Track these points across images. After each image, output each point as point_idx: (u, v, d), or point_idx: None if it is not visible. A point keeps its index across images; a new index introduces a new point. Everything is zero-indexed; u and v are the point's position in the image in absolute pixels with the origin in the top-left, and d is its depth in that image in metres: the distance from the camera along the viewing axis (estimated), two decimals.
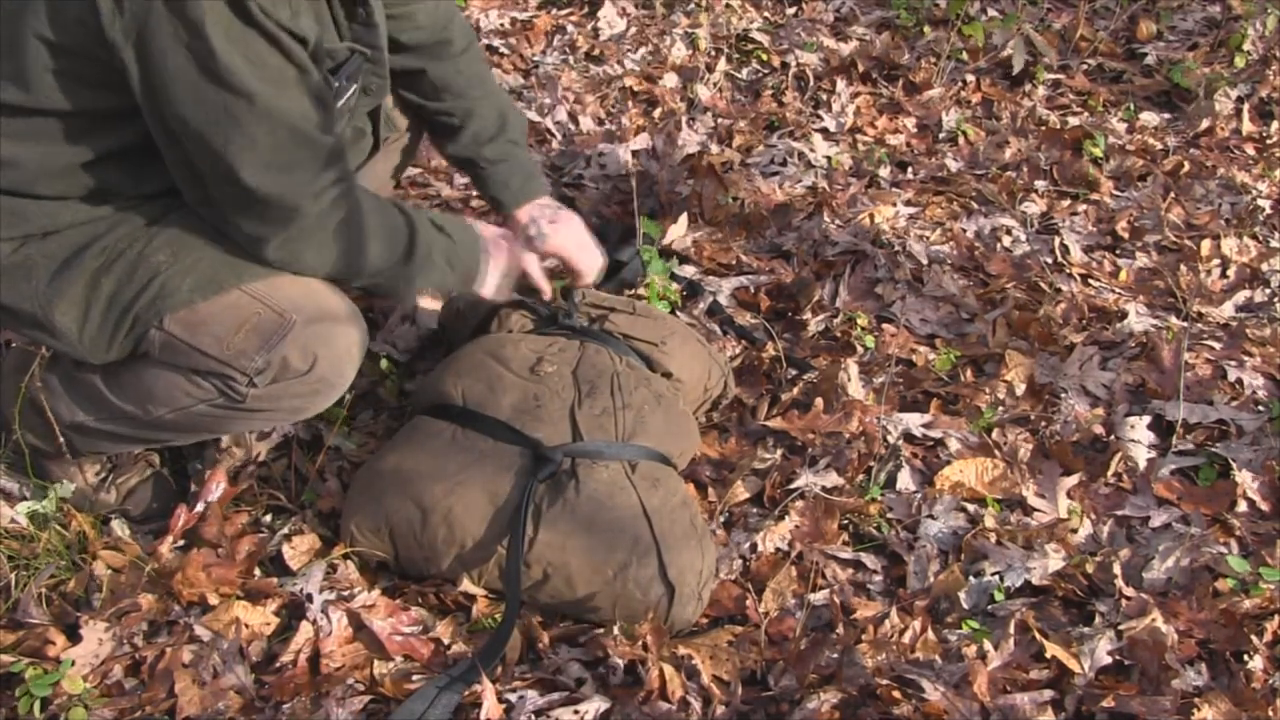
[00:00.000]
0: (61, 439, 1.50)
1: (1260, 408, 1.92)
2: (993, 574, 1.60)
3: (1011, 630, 1.49)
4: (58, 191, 1.32)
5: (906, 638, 1.49)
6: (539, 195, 1.80)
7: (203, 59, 1.17)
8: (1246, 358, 2.03)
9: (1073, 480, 1.78)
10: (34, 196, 1.31)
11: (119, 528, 1.62)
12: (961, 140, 2.87)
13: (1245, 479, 1.77)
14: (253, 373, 1.36)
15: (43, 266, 1.32)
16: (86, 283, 1.33)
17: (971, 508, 1.73)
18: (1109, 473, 1.81)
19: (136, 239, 1.34)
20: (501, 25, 3.32)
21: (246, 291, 1.35)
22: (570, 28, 3.34)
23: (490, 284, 1.62)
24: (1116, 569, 1.60)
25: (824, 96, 3.05)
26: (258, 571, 1.54)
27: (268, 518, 1.67)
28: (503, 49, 3.19)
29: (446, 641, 1.47)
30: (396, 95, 1.75)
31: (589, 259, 1.79)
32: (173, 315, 1.33)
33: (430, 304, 1.96)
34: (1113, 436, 1.87)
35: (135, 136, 1.31)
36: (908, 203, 2.55)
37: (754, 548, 1.65)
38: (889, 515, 1.73)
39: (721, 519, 1.73)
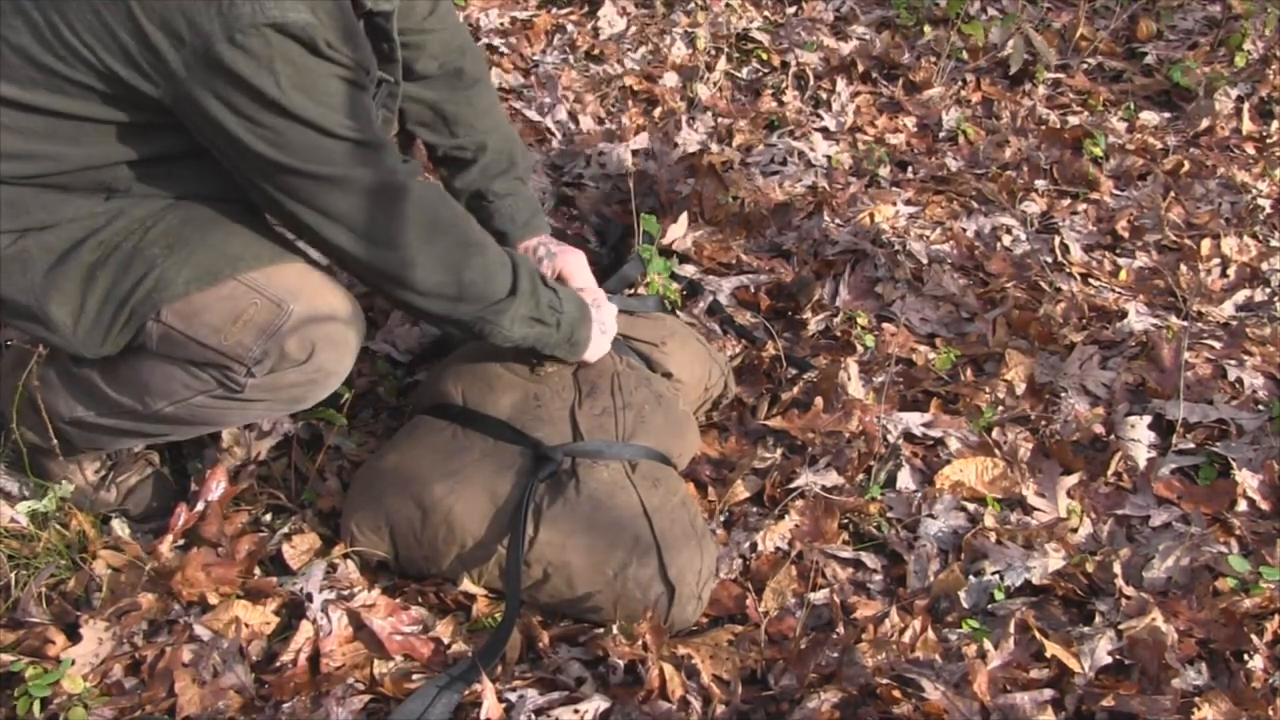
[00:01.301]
0: (57, 436, 1.50)
1: (1260, 407, 1.92)
2: (993, 573, 1.60)
3: (1011, 629, 1.49)
4: (64, 185, 1.32)
5: (906, 637, 1.49)
6: (543, 231, 1.81)
7: (265, 92, 1.18)
8: (1246, 357, 2.03)
9: (1073, 479, 1.78)
10: (41, 189, 1.31)
11: (119, 527, 1.62)
12: (961, 139, 2.87)
13: (1245, 478, 1.77)
14: (251, 363, 1.36)
15: (39, 259, 1.32)
16: (82, 276, 1.33)
17: (971, 507, 1.73)
18: (1109, 472, 1.81)
19: (132, 232, 1.34)
20: (501, 24, 3.32)
21: (243, 282, 1.35)
22: (570, 27, 3.34)
23: (594, 349, 1.65)
24: (1116, 568, 1.60)
25: (824, 96, 3.05)
26: (258, 571, 1.54)
27: (268, 517, 1.67)
28: (503, 48, 3.19)
29: (446, 641, 1.47)
30: (406, 133, 1.75)
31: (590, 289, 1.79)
32: (169, 307, 1.33)
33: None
34: (1113, 436, 1.87)
35: (162, 147, 1.31)
36: (908, 202, 2.55)
37: (754, 547, 1.65)
38: (889, 514, 1.73)
39: (721, 518, 1.73)
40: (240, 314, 1.34)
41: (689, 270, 2.27)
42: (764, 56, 3.23)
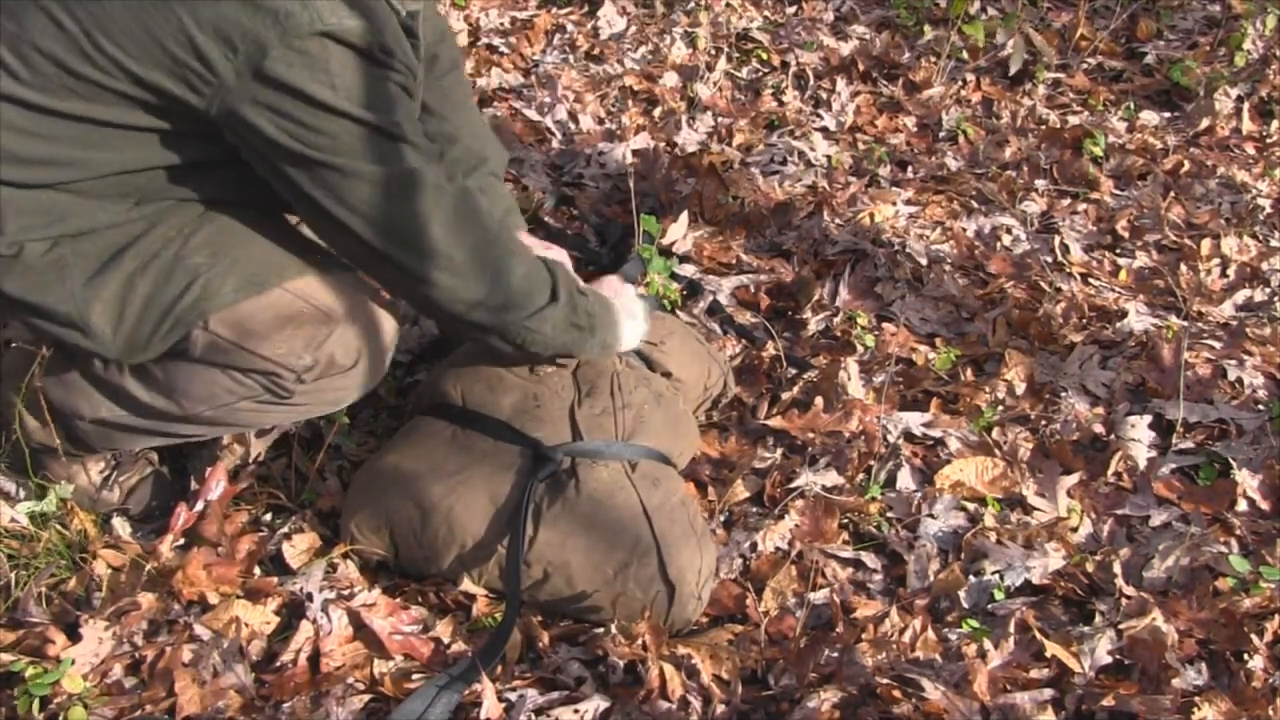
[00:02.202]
0: (71, 436, 1.50)
1: (1260, 407, 1.92)
2: (993, 573, 1.60)
3: (1011, 629, 1.49)
4: (94, 191, 1.31)
5: (906, 637, 1.49)
6: (521, 229, 1.80)
7: (318, 97, 1.18)
8: (1246, 357, 2.03)
9: (1073, 479, 1.78)
10: (72, 195, 1.30)
11: (120, 526, 1.62)
12: (961, 139, 2.87)
13: (1245, 478, 1.77)
14: (301, 370, 1.39)
15: (77, 267, 1.32)
16: (122, 283, 1.33)
17: (971, 507, 1.73)
18: (1109, 472, 1.81)
19: (171, 240, 1.35)
20: (501, 24, 3.32)
21: (289, 290, 1.36)
22: (570, 27, 3.34)
23: (629, 339, 1.66)
24: (1116, 568, 1.60)
25: (824, 95, 3.05)
26: (258, 570, 1.54)
27: (267, 516, 1.67)
28: (503, 48, 3.19)
29: (446, 640, 1.47)
30: None
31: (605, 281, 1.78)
32: (217, 315, 1.34)
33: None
34: (1113, 435, 1.87)
35: (196, 154, 1.31)
36: (908, 202, 2.55)
37: (754, 547, 1.65)
38: (889, 514, 1.73)
39: (721, 518, 1.73)
40: (289, 322, 1.37)
41: (689, 270, 2.27)
42: (764, 56, 3.23)
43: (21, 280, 1.30)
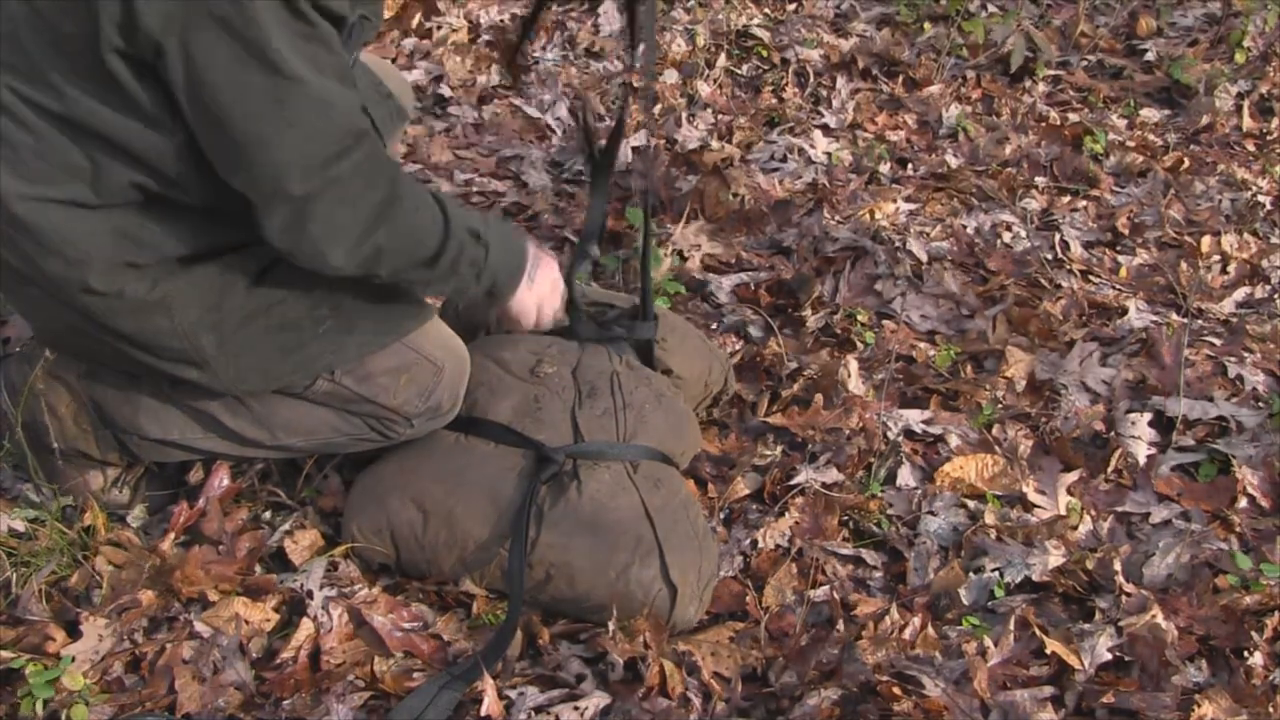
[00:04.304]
0: (115, 447, 1.52)
1: (1260, 404, 1.92)
2: (993, 570, 1.60)
3: (1012, 626, 1.49)
4: (131, 197, 1.27)
5: (907, 634, 1.49)
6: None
7: (249, 44, 1.12)
8: (1246, 354, 2.03)
9: (1073, 476, 1.78)
10: (135, 209, 1.27)
11: (134, 521, 1.61)
12: (961, 136, 2.87)
13: (1245, 475, 1.77)
14: (413, 416, 1.50)
15: (183, 305, 1.32)
16: (240, 325, 1.35)
17: (972, 504, 1.73)
18: (1109, 469, 1.81)
19: (293, 290, 1.37)
20: (501, 21, 3.31)
21: (405, 344, 1.46)
22: (570, 24, 3.34)
23: (526, 306, 1.58)
24: (1117, 565, 1.60)
25: (824, 93, 3.04)
26: (258, 568, 1.54)
27: (268, 514, 1.67)
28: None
29: (447, 638, 1.47)
30: None
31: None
32: (344, 368, 1.43)
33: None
34: (1113, 433, 1.87)
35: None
36: (908, 199, 2.55)
37: (754, 544, 1.65)
38: (889, 511, 1.73)
39: (722, 515, 1.73)
40: (403, 373, 1.46)
41: (689, 266, 2.27)
42: (764, 53, 3.23)
43: (132, 319, 1.32)
